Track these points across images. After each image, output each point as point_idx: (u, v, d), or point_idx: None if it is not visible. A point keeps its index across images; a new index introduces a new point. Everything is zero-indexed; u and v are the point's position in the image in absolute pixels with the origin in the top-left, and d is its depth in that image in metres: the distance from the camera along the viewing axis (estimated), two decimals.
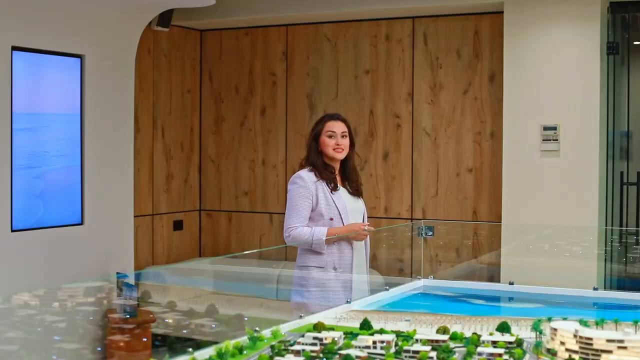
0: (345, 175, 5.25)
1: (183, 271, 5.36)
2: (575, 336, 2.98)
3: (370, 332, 3.33)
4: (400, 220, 8.06)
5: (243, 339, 3.12)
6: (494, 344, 3.14)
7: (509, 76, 7.30)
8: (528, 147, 7.25)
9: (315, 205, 5.08)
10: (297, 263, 5.17)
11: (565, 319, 3.29)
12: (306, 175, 5.16)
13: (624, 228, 6.97)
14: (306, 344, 3.11)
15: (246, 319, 3.44)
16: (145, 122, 8.28)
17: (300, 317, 3.60)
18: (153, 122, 8.37)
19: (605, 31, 7.08)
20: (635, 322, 3.35)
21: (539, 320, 3.26)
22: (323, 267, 5.06)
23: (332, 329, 3.39)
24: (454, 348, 3.10)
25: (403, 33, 8.05)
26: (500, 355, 2.97)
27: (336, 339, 3.15)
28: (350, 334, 3.31)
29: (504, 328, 3.35)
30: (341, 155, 5.16)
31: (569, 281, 5.41)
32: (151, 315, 3.74)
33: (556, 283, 5.30)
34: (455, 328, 3.41)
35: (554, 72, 7.14)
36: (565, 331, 3.03)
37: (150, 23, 7.89)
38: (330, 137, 5.15)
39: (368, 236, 5.22)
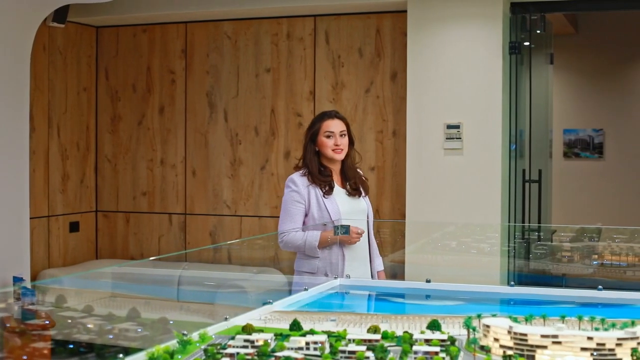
0: (344, 175, 5.13)
1: (86, 274, 5.20)
2: (509, 332, 2.98)
3: (300, 333, 3.26)
4: None
5: (172, 343, 3.01)
6: (428, 342, 3.12)
7: (412, 75, 7.34)
8: (432, 146, 7.30)
9: (307, 210, 4.96)
10: (295, 267, 5.07)
11: (494, 315, 3.29)
12: (298, 179, 5.03)
13: (526, 224, 7.09)
14: (238, 347, 3.03)
15: (172, 322, 3.32)
16: (41, 121, 8.01)
17: (226, 318, 3.51)
18: (48, 121, 8.10)
19: (507, 31, 7.19)
20: (563, 317, 3.37)
21: (470, 318, 3.24)
22: (315, 273, 4.94)
23: (261, 330, 3.31)
24: (388, 347, 3.06)
25: (304, 31, 8.00)
26: (436, 353, 2.94)
27: (268, 340, 3.08)
28: (281, 336, 3.24)
29: (434, 326, 3.33)
30: (341, 156, 5.02)
31: (480, 278, 5.47)
32: (47, 322, 3.59)
33: (467, 280, 5.34)
34: (383, 327, 3.37)
35: (457, 71, 7.21)
36: (499, 327, 3.02)
37: (45, 19, 7.63)
38: (328, 137, 5.00)
39: (373, 242, 5.14)
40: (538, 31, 7.28)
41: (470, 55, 7.17)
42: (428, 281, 4.67)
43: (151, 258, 8.16)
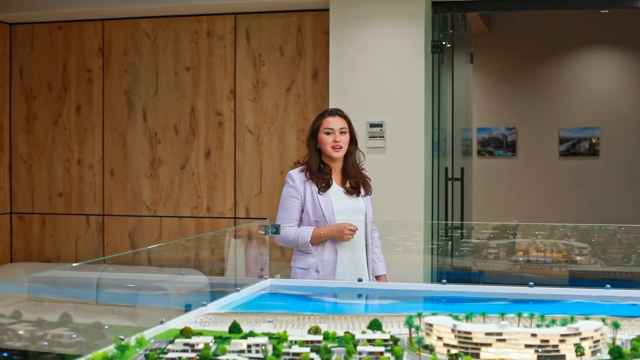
0: (346, 173, 5.10)
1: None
2: (453, 331, 2.97)
3: (241, 335, 3.20)
4: (223, 220, 7.93)
5: (109, 349, 2.92)
6: (371, 342, 3.09)
7: (334, 73, 7.32)
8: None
9: (303, 206, 4.97)
10: (291, 263, 5.08)
11: (435, 314, 3.28)
12: (296, 175, 5.05)
13: (449, 222, 7.13)
14: (178, 351, 2.96)
15: (107, 327, 3.23)
16: None
17: (162, 322, 3.43)
18: None
19: (429, 30, 7.23)
20: (502, 315, 3.38)
21: (411, 317, 3.23)
22: (307, 269, 4.93)
23: (200, 333, 3.23)
24: (331, 348, 3.03)
25: (225, 29, 7.92)
26: (381, 353, 2.92)
27: (209, 344, 3.02)
28: (221, 339, 3.17)
29: (375, 325, 3.30)
30: (339, 154, 5.01)
31: (407, 276, 5.48)
32: None
33: (393, 278, 5.36)
34: (322, 327, 3.34)
35: (380, 70, 7.22)
36: (442, 326, 3.01)
37: None
38: (328, 134, 4.99)
39: (369, 241, 5.08)
40: (456, 30, 7.32)
41: (392, 54, 7.18)
42: (360, 280, 4.67)
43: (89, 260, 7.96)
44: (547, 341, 2.90)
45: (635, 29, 11.40)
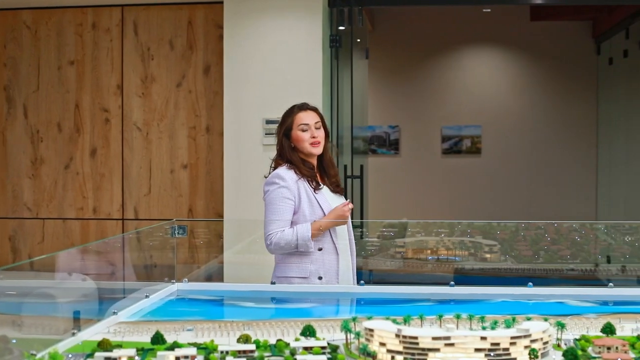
0: (323, 171, 4.68)
1: None
2: (397, 336, 2.79)
3: (166, 346, 2.94)
4: (110, 222, 7.58)
5: None
6: (308, 350, 2.89)
7: (229, 69, 7.08)
8: (250, 142, 7.07)
9: (297, 207, 4.50)
10: (275, 274, 4.55)
11: (370, 318, 3.10)
12: (286, 174, 4.55)
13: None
14: None
15: (14, 341, 2.92)
16: None
17: (73, 334, 3.14)
18: None
19: (327, 24, 7.06)
20: (440, 317, 3.23)
21: (347, 321, 3.04)
22: (307, 277, 4.45)
23: (119, 345, 2.96)
24: (266, 357, 2.81)
25: (111, 22, 7.56)
26: None
27: (133, 356, 2.76)
28: (144, 350, 2.91)
29: (309, 331, 3.10)
30: (318, 149, 4.60)
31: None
32: None
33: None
34: (249, 335, 3.12)
35: (277, 65, 7.01)
36: (385, 331, 2.83)
37: None
38: (303, 130, 4.58)
39: (352, 245, 4.67)
40: (353, 25, 7.19)
41: (289, 48, 6.99)
42: (273, 283, 4.46)
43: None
44: (497, 344, 2.76)
45: (517, 28, 11.56)
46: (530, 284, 4.11)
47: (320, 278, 4.44)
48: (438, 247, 5.45)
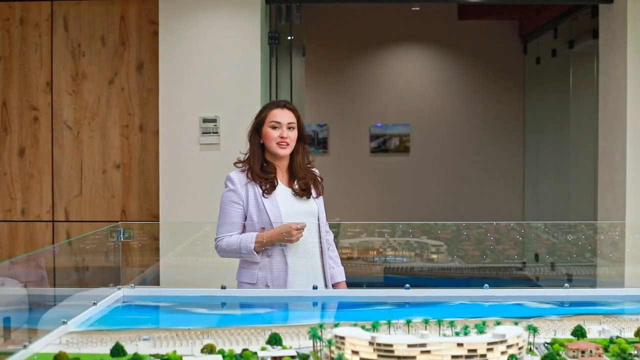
0: (292, 174, 4.45)
1: None
2: (372, 343, 2.70)
3: (127, 358, 2.80)
4: (40, 224, 7.33)
5: None
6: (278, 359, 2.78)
7: (164, 66, 6.90)
8: (186, 141, 6.91)
9: (246, 211, 4.33)
10: (236, 278, 4.41)
11: (337, 325, 3.00)
12: (236, 177, 4.41)
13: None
14: None
15: None
16: None
17: (25, 346, 2.97)
18: None
19: (265, 21, 6.93)
20: (408, 322, 3.15)
21: (315, 328, 2.93)
22: (255, 284, 4.26)
23: (77, 358, 2.81)
24: None
25: (40, 17, 7.31)
26: None
27: None
28: None
29: (276, 340, 2.98)
30: (285, 151, 4.38)
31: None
32: None
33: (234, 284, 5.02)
34: (210, 343, 2.99)
35: (214, 62, 6.87)
36: (357, 339, 2.74)
37: None
38: (274, 128, 4.37)
39: (324, 245, 4.42)
40: (291, 22, 7.07)
41: (227, 45, 6.85)
42: (223, 287, 4.31)
43: None
44: (474, 350, 2.70)
45: (445, 26, 11.59)
46: (487, 285, 4.06)
47: (267, 286, 4.29)
48: (385, 247, 5.38)
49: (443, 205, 11.68)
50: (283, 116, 4.40)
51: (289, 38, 7.20)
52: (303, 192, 4.42)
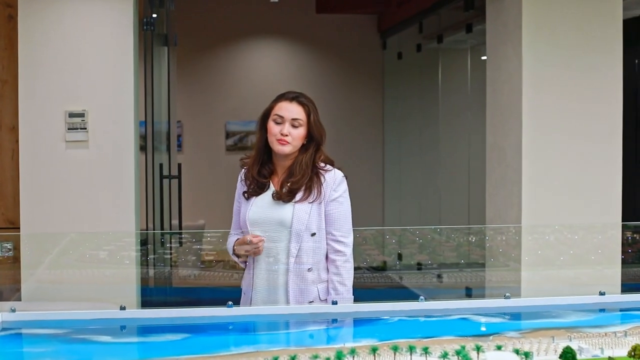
0: (290, 174, 3.85)
1: None
2: None
3: None
4: None
5: None
6: None
7: (23, 56, 6.17)
8: (50, 138, 6.21)
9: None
10: None
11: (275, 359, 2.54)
12: (243, 173, 3.99)
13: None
14: None
15: None
16: None
17: None
18: None
19: (136, 6, 6.34)
20: (374, 350, 2.71)
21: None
22: (244, 293, 3.92)
23: None
24: None
25: None
26: None
27: None
28: None
29: None
30: (283, 149, 3.80)
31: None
32: None
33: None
34: None
35: (81, 51, 6.20)
36: None
37: None
38: (276, 122, 3.81)
39: (290, 259, 3.81)
40: (166, 8, 6.53)
41: (95, 32, 6.19)
42: (123, 308, 3.70)
43: None
44: None
45: (303, 20, 11.35)
46: (422, 297, 3.67)
47: (244, 293, 3.93)
48: None
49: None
50: (289, 110, 3.85)
51: (166, 26, 6.64)
52: (284, 196, 3.83)
